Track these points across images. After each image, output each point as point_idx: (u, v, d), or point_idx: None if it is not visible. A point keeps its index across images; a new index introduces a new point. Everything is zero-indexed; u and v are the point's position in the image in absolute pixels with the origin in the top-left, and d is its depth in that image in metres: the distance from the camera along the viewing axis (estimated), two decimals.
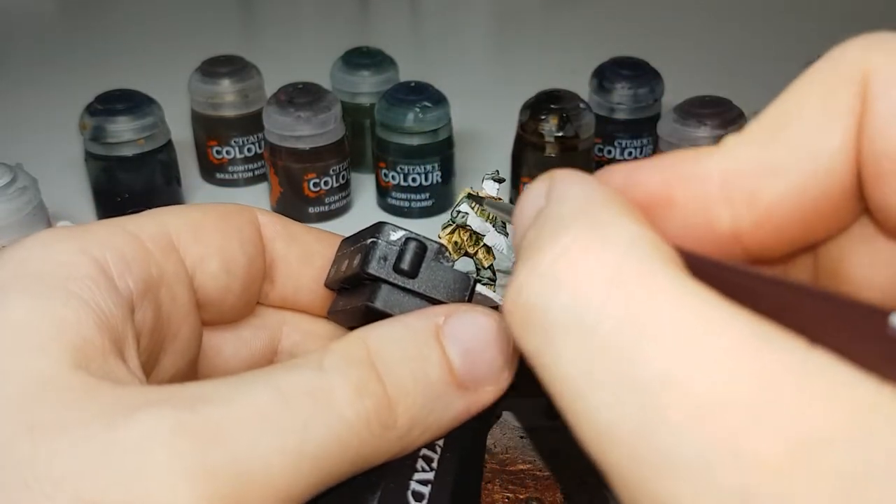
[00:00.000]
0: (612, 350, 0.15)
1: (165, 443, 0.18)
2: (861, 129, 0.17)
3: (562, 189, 0.18)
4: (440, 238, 0.30)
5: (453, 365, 0.23)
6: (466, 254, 0.31)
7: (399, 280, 0.25)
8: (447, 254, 0.26)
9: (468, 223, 0.29)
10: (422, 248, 0.25)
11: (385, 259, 0.25)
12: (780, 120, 0.18)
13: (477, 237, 0.31)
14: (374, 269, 0.25)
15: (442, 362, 0.22)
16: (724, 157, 0.18)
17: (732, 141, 0.18)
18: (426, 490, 0.23)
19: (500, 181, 0.31)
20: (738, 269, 0.16)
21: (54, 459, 0.18)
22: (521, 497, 0.38)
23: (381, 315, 0.25)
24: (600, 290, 0.15)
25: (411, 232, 0.26)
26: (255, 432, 0.19)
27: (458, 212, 0.30)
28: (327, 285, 0.29)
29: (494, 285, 0.31)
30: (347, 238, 0.29)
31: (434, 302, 0.25)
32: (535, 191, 0.19)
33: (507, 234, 0.30)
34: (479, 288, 0.26)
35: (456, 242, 0.30)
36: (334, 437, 0.20)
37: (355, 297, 0.26)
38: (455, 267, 0.26)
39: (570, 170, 0.19)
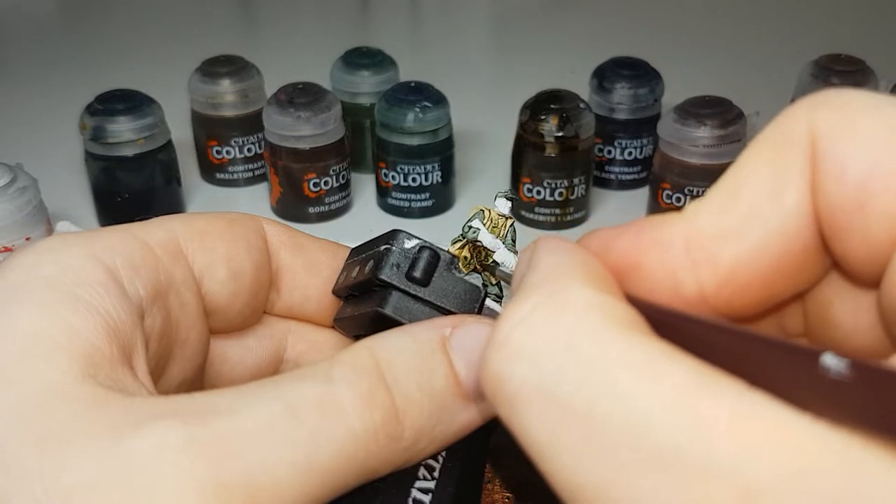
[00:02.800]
0: (571, 415, 0.16)
1: (175, 457, 0.18)
2: (814, 189, 0.18)
3: (537, 258, 0.19)
4: (450, 252, 0.31)
5: (459, 377, 0.23)
6: (475, 269, 0.31)
7: (410, 288, 0.25)
8: (459, 265, 0.26)
9: (479, 239, 0.29)
10: (435, 257, 0.26)
11: (398, 266, 0.25)
12: (734, 185, 0.19)
13: (487, 253, 0.31)
14: (386, 275, 0.25)
15: (448, 374, 0.22)
16: (685, 224, 0.19)
17: (693, 207, 0.19)
18: (427, 498, 0.23)
19: (513, 199, 0.31)
20: (693, 319, 0.17)
21: (63, 473, 0.17)
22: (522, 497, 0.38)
23: (390, 321, 0.25)
24: (556, 357, 0.16)
25: (426, 241, 0.26)
26: (264, 446, 0.19)
27: (469, 227, 0.30)
28: (335, 292, 0.29)
29: (502, 302, 0.31)
30: (357, 246, 0.29)
31: (443, 311, 0.25)
32: (523, 258, 0.21)
33: (516, 252, 0.30)
34: (488, 302, 0.27)
35: (465, 258, 0.30)
36: (342, 450, 0.20)
37: (364, 304, 0.26)
38: (466, 278, 0.26)
39: (552, 237, 0.20)
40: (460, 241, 0.30)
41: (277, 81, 0.62)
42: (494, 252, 0.30)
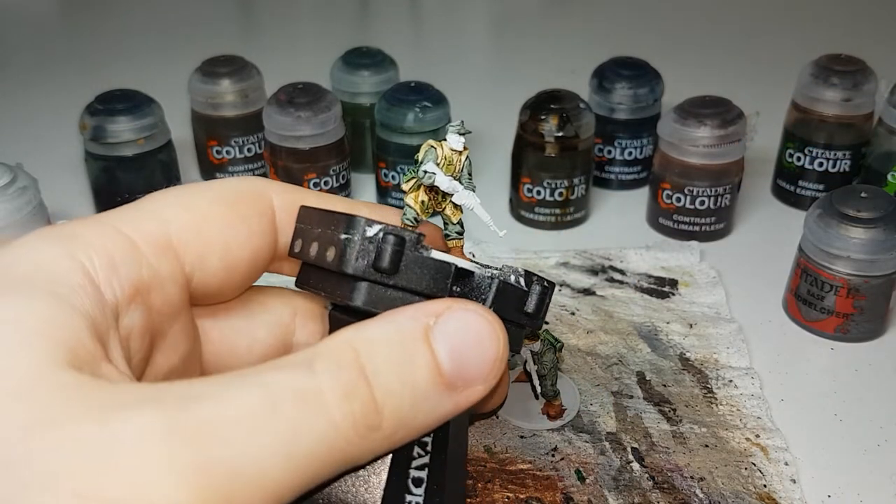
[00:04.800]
0: None
1: (160, 441, 0.18)
2: None
3: None
4: (405, 199, 0.30)
5: (442, 367, 0.23)
6: (435, 212, 0.30)
7: (380, 277, 0.24)
8: (424, 241, 0.25)
9: (436, 183, 0.29)
10: (400, 242, 0.24)
11: (362, 257, 0.24)
12: None
13: (444, 195, 0.30)
14: (352, 268, 0.24)
15: (430, 365, 0.23)
16: None
17: None
18: (423, 474, 0.24)
19: (466, 133, 0.30)
20: None
21: (49, 456, 0.18)
22: (521, 497, 0.38)
23: (363, 312, 0.25)
24: None
25: (387, 225, 0.25)
26: (246, 433, 0.19)
27: (426, 172, 0.29)
28: (291, 255, 0.28)
29: (463, 239, 0.31)
30: (311, 210, 0.27)
31: (416, 294, 0.25)
32: None
33: (474, 188, 0.30)
34: (439, 255, 0.26)
35: (423, 202, 0.30)
36: (322, 439, 0.20)
37: (331, 285, 0.26)
38: (434, 257, 0.25)
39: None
40: (412, 179, 0.29)
41: (277, 81, 0.62)
42: (452, 195, 0.29)
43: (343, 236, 0.25)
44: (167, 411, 0.18)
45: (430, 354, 0.23)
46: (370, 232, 0.24)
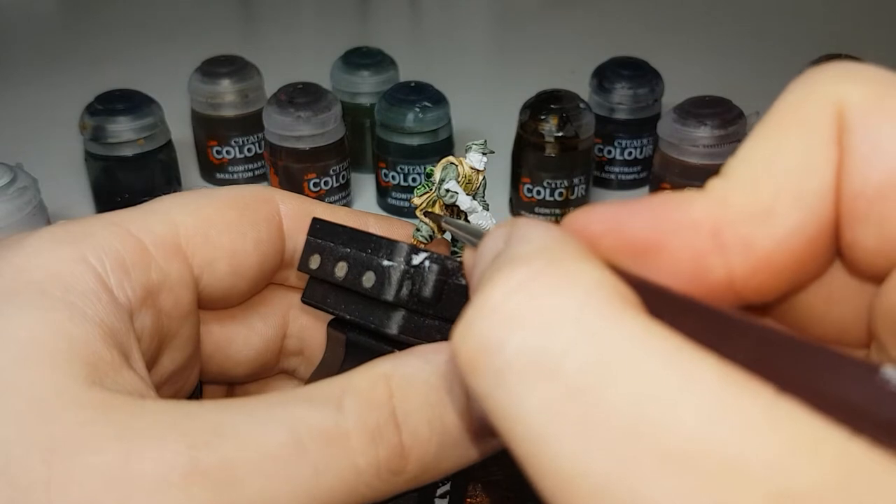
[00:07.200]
0: (578, 395, 0.14)
1: (180, 481, 0.18)
2: (840, 167, 0.16)
3: (522, 232, 0.17)
4: (419, 214, 0.30)
5: (474, 415, 0.22)
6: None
7: (420, 307, 0.24)
8: (461, 270, 0.25)
9: (458, 203, 0.29)
10: (445, 272, 0.24)
11: (405, 285, 0.23)
12: (762, 160, 0.17)
13: (460, 213, 0.30)
14: (394, 297, 0.23)
15: (463, 412, 0.22)
16: (712, 203, 0.17)
17: (718, 184, 0.17)
18: (444, 502, 0.24)
19: (489, 153, 0.29)
20: (705, 308, 0.16)
21: (69, 484, 0.18)
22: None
23: (397, 341, 0.24)
24: (564, 329, 0.14)
25: (433, 253, 0.24)
26: (267, 475, 0.19)
27: (448, 191, 0.28)
28: (304, 271, 0.26)
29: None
30: (332, 225, 0.26)
31: (451, 322, 0.25)
32: (496, 235, 0.19)
33: (487, 206, 0.30)
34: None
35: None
36: (344, 483, 0.20)
37: (359, 309, 0.25)
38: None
39: (532, 218, 0.18)
40: (426, 193, 0.29)
41: (277, 81, 0.62)
42: (471, 215, 0.29)
43: (386, 263, 0.24)
44: (190, 447, 0.18)
45: (464, 401, 0.22)
46: (416, 260, 0.24)
